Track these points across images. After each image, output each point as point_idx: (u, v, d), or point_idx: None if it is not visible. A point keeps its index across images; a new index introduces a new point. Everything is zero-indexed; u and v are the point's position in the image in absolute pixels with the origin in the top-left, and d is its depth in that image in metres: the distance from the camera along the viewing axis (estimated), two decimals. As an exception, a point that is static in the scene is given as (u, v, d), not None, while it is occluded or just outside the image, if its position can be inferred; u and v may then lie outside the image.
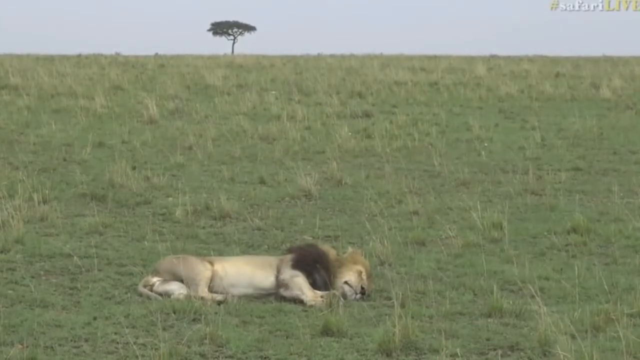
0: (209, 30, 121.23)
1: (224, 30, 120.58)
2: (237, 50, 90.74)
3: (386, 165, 16.49)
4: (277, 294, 8.86)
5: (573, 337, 7.24)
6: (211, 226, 11.99)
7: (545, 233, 11.57)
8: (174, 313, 8.20)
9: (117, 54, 54.59)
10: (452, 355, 7.21)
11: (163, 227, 11.76)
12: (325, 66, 42.67)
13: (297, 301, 8.68)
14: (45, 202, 12.57)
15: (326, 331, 7.71)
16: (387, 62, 44.95)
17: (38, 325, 7.74)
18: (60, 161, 16.75)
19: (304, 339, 7.55)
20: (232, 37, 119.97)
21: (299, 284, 8.80)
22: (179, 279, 8.83)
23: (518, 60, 51.05)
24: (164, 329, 7.71)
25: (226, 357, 7.27)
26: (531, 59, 52.06)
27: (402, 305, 8.18)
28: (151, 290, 8.79)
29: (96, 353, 7.26)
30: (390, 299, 8.66)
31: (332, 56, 56.35)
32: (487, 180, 15.36)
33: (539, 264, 10.13)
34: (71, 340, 7.51)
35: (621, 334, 7.29)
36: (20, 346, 7.26)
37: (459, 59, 49.95)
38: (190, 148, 18.32)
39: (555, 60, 52.34)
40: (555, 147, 19.13)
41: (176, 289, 8.76)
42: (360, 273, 8.99)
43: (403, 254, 10.46)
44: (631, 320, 7.99)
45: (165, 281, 8.85)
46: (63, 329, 7.74)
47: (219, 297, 8.68)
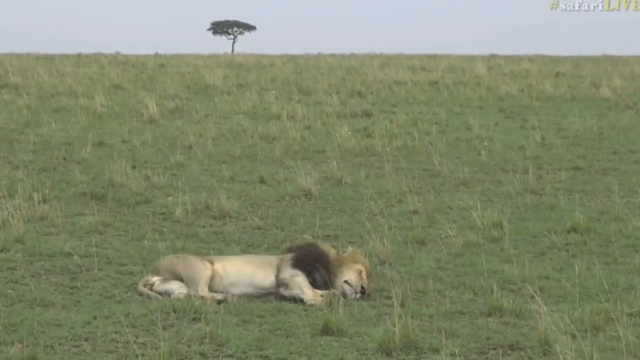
0: (209, 29, 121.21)
1: (224, 29, 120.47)
2: (237, 49, 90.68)
3: (386, 164, 16.49)
4: (277, 293, 8.85)
5: (573, 337, 7.24)
6: (211, 225, 11.99)
7: (545, 232, 11.57)
8: (174, 312, 8.20)
9: (117, 53, 54.51)
10: (452, 354, 7.21)
11: (163, 227, 11.76)
12: (325, 66, 42.62)
13: (297, 300, 8.68)
14: (45, 201, 12.57)
15: (326, 330, 7.72)
16: (387, 62, 44.90)
17: (38, 324, 7.74)
18: (60, 160, 16.75)
19: (304, 338, 7.55)
20: (232, 37, 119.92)
21: (299, 283, 8.80)
22: (179, 278, 8.83)
23: (518, 59, 50.97)
24: (164, 328, 7.71)
25: (226, 356, 7.27)
26: (531, 59, 51.99)
27: (402, 304, 8.19)
28: (151, 289, 8.80)
29: (96, 352, 7.26)
30: (390, 298, 8.65)
31: (332, 55, 56.27)
32: (487, 179, 15.36)
33: (539, 264, 10.12)
34: (71, 339, 7.51)
35: (621, 334, 7.28)
36: (20, 345, 7.26)
37: (459, 59, 49.88)
38: (190, 147, 18.31)
39: (555, 59, 52.26)
40: (555, 147, 19.12)
41: (176, 288, 8.76)
42: (360, 272, 8.99)
43: (403, 253, 10.46)
44: (631, 319, 7.98)
45: (165, 280, 8.85)
46: (63, 328, 7.74)
47: (219, 297, 8.68)
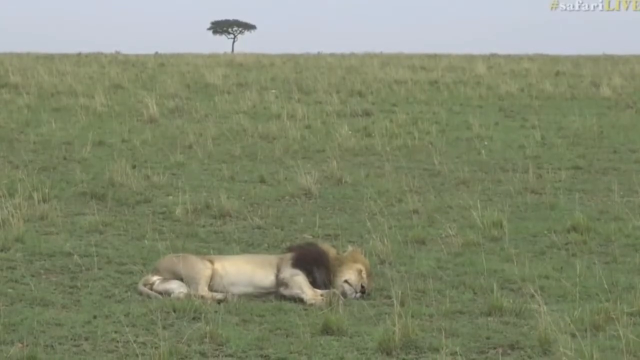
0: (209, 29, 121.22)
1: (224, 29, 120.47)
2: (237, 49, 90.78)
3: (386, 164, 16.49)
4: (277, 293, 8.85)
5: (573, 336, 7.24)
6: (211, 225, 11.99)
7: (545, 232, 11.56)
8: (174, 312, 8.20)
9: (117, 53, 54.51)
10: (452, 353, 7.21)
11: (163, 226, 11.76)
12: (325, 65, 42.62)
13: (297, 300, 8.69)
14: (45, 201, 12.57)
15: (326, 330, 7.72)
16: (387, 61, 44.89)
17: (38, 323, 7.75)
18: (60, 160, 16.74)
19: (304, 338, 7.55)
20: (232, 36, 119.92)
21: (299, 283, 8.80)
22: (179, 278, 8.83)
23: (518, 59, 50.93)
24: (164, 328, 7.71)
25: (226, 356, 7.27)
26: (531, 58, 51.95)
27: (402, 304, 8.19)
28: (151, 289, 8.80)
29: (96, 352, 7.27)
30: (390, 298, 8.65)
31: (332, 55, 56.27)
32: (487, 179, 15.36)
33: (539, 263, 10.12)
34: (71, 338, 7.51)
35: (621, 333, 7.28)
36: (20, 345, 7.26)
37: (459, 58, 49.86)
38: (190, 147, 18.31)
39: (555, 59, 52.26)
40: (555, 146, 19.12)
41: (176, 288, 8.76)
42: (360, 272, 8.99)
43: (403, 253, 10.46)
44: (631, 319, 7.98)
45: (165, 280, 8.85)
46: (63, 328, 7.74)
47: (219, 296, 8.68)
